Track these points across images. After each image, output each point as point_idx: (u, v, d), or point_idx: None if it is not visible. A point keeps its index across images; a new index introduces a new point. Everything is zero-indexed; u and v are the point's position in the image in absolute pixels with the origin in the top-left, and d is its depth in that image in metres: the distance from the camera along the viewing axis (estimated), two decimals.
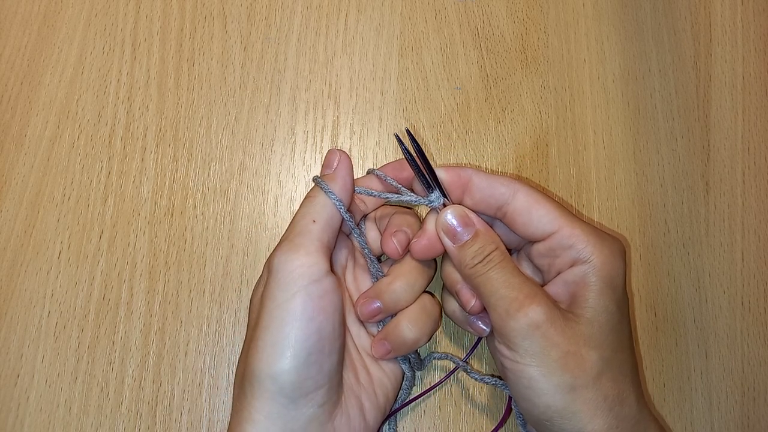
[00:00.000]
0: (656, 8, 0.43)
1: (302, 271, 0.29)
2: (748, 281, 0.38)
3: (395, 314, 0.33)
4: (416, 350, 0.35)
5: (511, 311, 0.29)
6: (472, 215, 0.32)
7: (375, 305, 0.33)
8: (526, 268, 0.34)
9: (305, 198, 0.33)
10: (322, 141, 0.40)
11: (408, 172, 0.33)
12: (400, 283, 0.33)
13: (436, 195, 0.32)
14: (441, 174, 0.33)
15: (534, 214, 0.31)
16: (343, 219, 0.32)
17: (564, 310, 0.30)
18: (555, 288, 0.31)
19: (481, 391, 0.36)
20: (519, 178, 0.31)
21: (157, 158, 0.39)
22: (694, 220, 0.39)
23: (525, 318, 0.29)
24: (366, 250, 0.34)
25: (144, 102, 0.40)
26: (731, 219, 0.39)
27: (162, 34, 0.42)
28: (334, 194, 0.32)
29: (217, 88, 0.40)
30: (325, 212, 0.32)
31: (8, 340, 0.36)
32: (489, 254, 0.31)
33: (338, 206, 0.32)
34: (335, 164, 0.33)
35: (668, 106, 0.41)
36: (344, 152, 0.34)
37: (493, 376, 0.34)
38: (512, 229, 0.32)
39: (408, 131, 0.33)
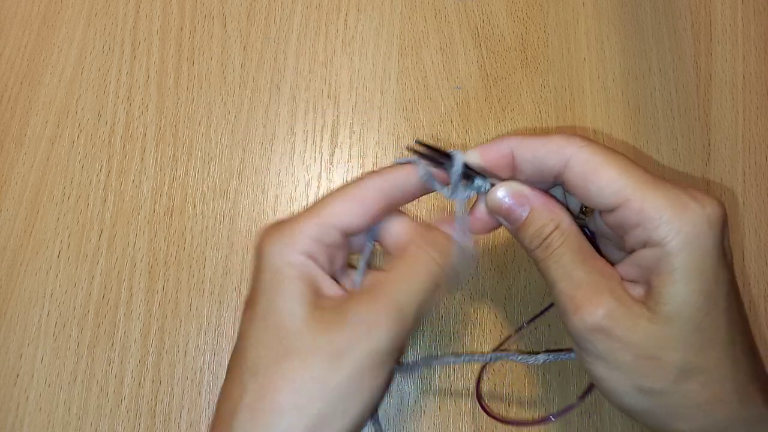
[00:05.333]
0: (656, 7, 0.43)
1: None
2: (748, 281, 0.38)
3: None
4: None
5: (568, 311, 0.26)
6: (526, 189, 0.27)
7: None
8: (606, 229, 0.28)
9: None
10: (321, 140, 0.40)
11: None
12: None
13: (480, 181, 0.28)
14: (474, 158, 0.28)
15: (591, 186, 0.25)
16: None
17: (638, 302, 0.25)
18: (628, 269, 0.26)
19: (481, 391, 0.36)
20: (576, 134, 0.26)
21: (156, 158, 0.39)
22: None
23: (581, 322, 0.25)
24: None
25: (143, 102, 0.40)
26: (731, 218, 0.39)
27: (161, 33, 0.42)
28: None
29: (216, 87, 0.40)
30: None
31: (8, 340, 0.36)
32: (547, 237, 0.26)
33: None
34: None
35: (668, 105, 0.41)
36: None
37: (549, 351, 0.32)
38: (577, 198, 0.27)
39: (418, 141, 0.29)
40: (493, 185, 0.28)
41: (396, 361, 0.26)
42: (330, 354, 0.24)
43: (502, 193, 0.27)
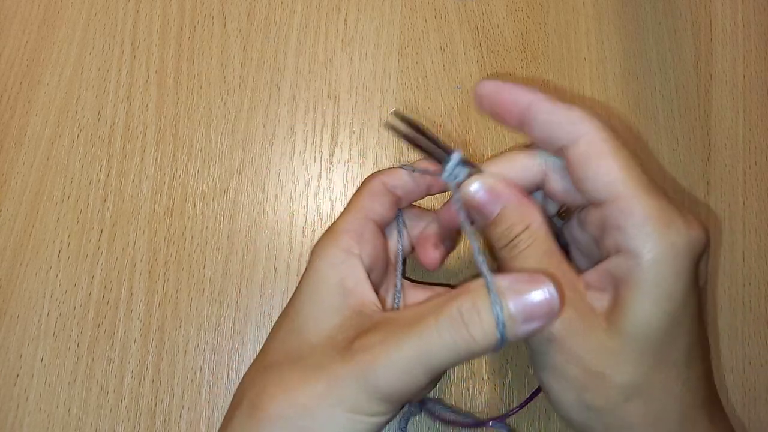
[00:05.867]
0: (656, 7, 0.43)
1: None
2: (749, 281, 0.38)
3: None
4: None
5: None
6: (501, 185, 0.26)
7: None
8: (580, 236, 0.28)
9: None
10: (321, 140, 0.40)
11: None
12: None
13: (453, 164, 0.26)
14: (490, 88, 0.26)
15: (590, 172, 0.24)
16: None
17: (598, 314, 0.24)
18: (597, 276, 0.25)
19: (481, 391, 0.36)
20: (597, 114, 0.25)
21: (156, 158, 0.39)
22: None
23: None
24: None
25: (143, 101, 0.40)
26: (732, 218, 0.39)
27: (161, 33, 0.41)
28: None
29: (216, 87, 0.40)
30: None
31: (7, 340, 0.36)
32: (515, 237, 0.26)
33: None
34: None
35: (669, 106, 0.41)
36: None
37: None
38: (571, 180, 0.26)
39: (397, 113, 0.28)
40: (471, 175, 0.27)
41: (405, 401, 0.25)
42: (332, 376, 0.24)
43: (475, 186, 0.26)
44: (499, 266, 0.28)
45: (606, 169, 0.24)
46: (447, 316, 0.23)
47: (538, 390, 0.33)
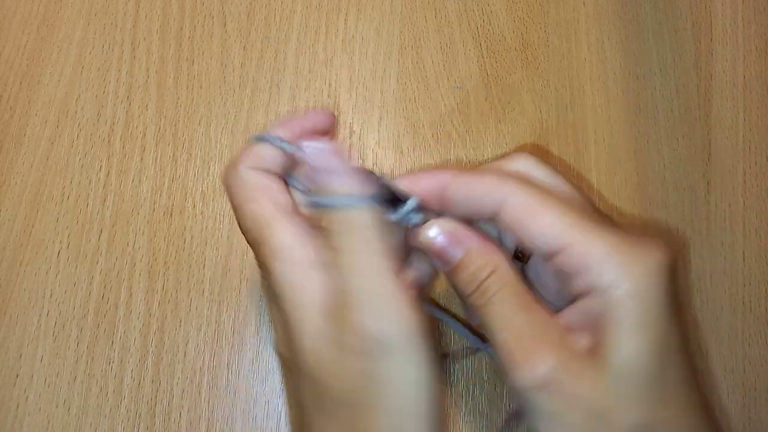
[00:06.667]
0: (657, 7, 0.43)
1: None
2: (749, 281, 0.38)
3: None
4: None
5: (511, 365, 0.23)
6: (461, 229, 0.25)
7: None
8: (544, 276, 0.26)
9: None
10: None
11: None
12: None
13: (409, 209, 0.25)
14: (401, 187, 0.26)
15: (529, 230, 0.24)
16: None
17: (584, 356, 0.23)
18: (571, 317, 0.24)
19: (481, 392, 0.36)
20: (510, 174, 0.25)
21: (156, 157, 0.39)
22: (695, 220, 0.39)
23: (524, 379, 0.23)
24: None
25: (143, 101, 0.40)
26: (733, 218, 0.39)
27: (161, 33, 0.41)
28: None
29: (216, 87, 0.40)
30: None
31: (7, 340, 0.36)
32: (483, 282, 0.24)
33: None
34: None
35: (669, 106, 0.41)
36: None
37: None
38: (517, 242, 0.25)
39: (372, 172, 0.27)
40: (426, 220, 0.25)
41: None
42: None
43: (434, 231, 0.25)
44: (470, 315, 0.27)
45: (543, 224, 0.23)
46: None
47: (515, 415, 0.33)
